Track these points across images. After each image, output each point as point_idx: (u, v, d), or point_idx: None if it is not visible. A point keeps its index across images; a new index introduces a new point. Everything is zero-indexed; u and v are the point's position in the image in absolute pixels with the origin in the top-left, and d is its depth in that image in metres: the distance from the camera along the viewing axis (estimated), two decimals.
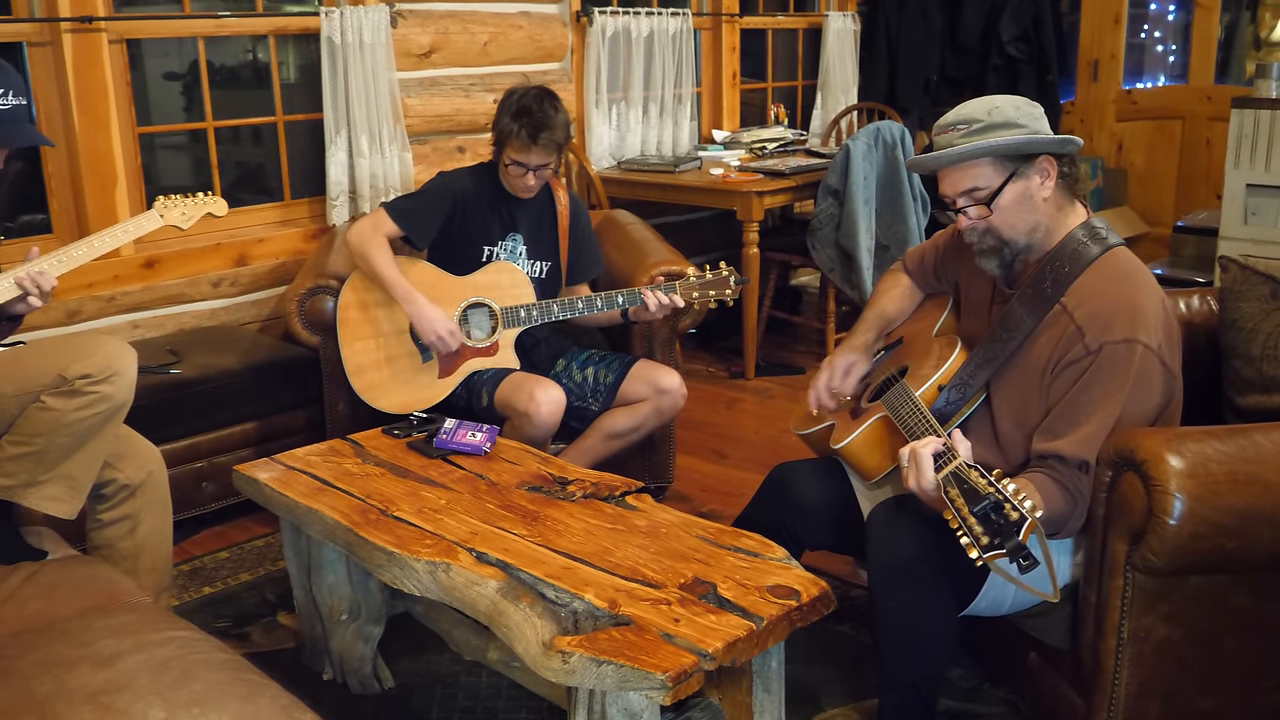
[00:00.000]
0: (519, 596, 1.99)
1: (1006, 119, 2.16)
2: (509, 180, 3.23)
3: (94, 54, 3.64)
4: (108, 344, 2.44)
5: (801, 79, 6.49)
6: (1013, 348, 2.20)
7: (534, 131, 3.09)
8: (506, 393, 3.10)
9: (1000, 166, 2.16)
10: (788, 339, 5.48)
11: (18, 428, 2.40)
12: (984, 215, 2.19)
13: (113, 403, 2.41)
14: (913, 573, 2.07)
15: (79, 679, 1.80)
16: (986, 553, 1.79)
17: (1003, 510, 1.80)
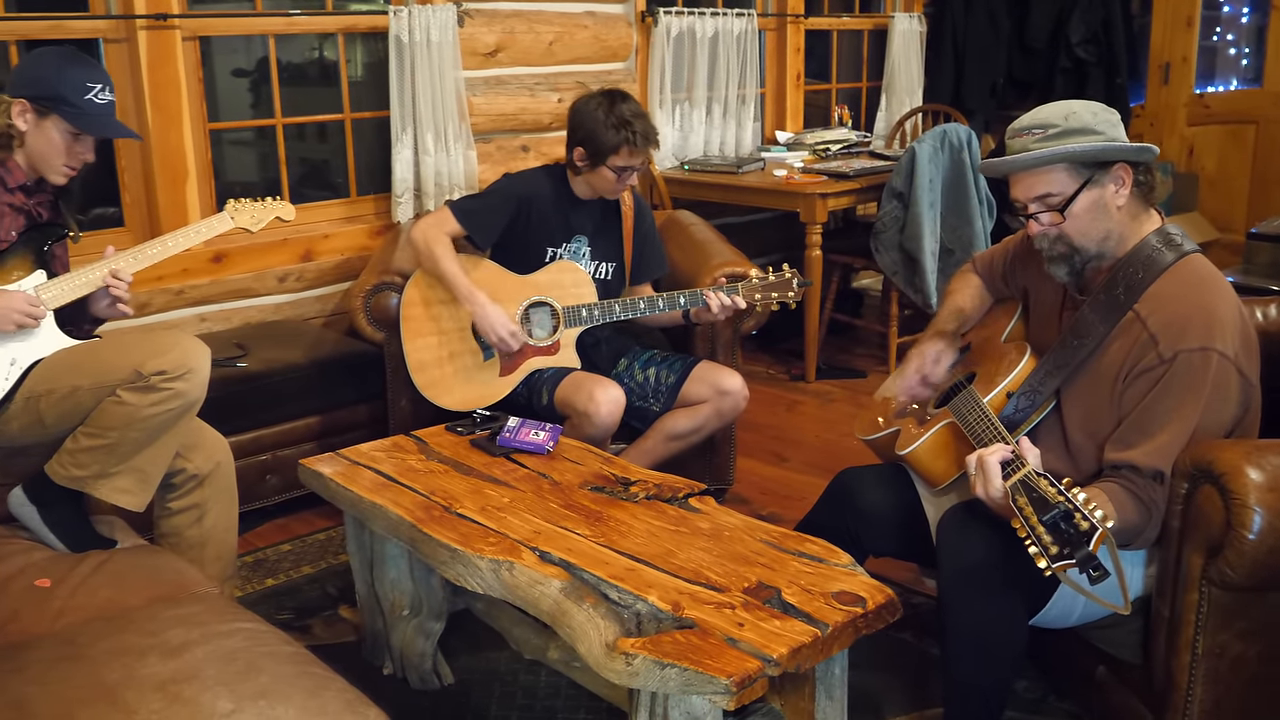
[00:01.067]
0: (582, 597, 1.98)
1: (1083, 125, 2.12)
2: (606, 185, 3.23)
3: (168, 51, 3.70)
4: (183, 341, 2.48)
5: (866, 80, 6.44)
6: (1084, 355, 2.16)
7: (646, 133, 3.13)
8: (566, 392, 3.10)
9: (1075, 173, 2.13)
10: (849, 342, 5.44)
11: (92, 420, 2.44)
12: (1056, 222, 2.15)
13: (186, 400, 2.45)
14: (982, 579, 2.03)
15: (148, 668, 1.82)
16: (1055, 562, 1.75)
17: (1072, 519, 1.77)
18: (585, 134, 3.18)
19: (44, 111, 2.49)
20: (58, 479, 2.48)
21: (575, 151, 3.22)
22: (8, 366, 2.48)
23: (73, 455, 2.47)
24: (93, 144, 2.59)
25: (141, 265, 2.67)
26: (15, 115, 2.49)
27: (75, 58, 2.54)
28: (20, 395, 2.47)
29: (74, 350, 2.54)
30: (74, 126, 2.52)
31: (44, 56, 2.54)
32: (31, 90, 2.49)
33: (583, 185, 3.27)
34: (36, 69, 2.52)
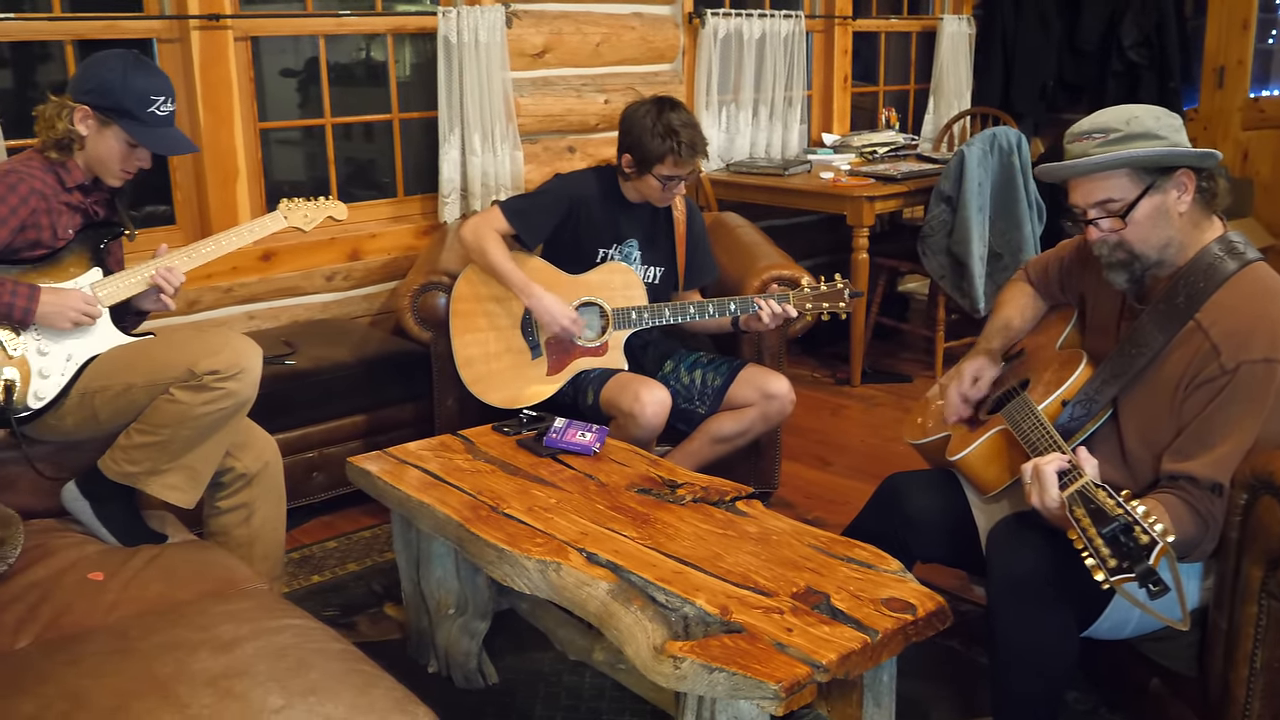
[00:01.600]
0: (630, 599, 1.98)
1: (1145, 130, 2.08)
2: (652, 193, 3.22)
3: (220, 51, 3.73)
4: (235, 341, 2.50)
5: (914, 83, 6.39)
6: (1142, 364, 2.13)
7: (692, 144, 3.12)
8: (612, 393, 3.10)
9: (1137, 178, 2.09)
10: (894, 346, 5.40)
11: (145, 417, 2.47)
12: (1117, 229, 2.11)
13: (237, 399, 2.47)
14: (1034, 589, 2.01)
15: (200, 662, 1.84)
16: (1114, 576, 1.73)
17: (1132, 533, 1.74)
18: (633, 141, 3.17)
19: (106, 121, 2.52)
20: (110, 474, 2.51)
21: (623, 158, 3.21)
22: (64, 363, 2.51)
23: (125, 451, 2.50)
24: (150, 153, 2.62)
25: (195, 264, 2.70)
26: (78, 120, 2.51)
27: (139, 65, 2.55)
28: (76, 391, 2.50)
29: (129, 348, 2.57)
30: (135, 139, 2.54)
31: (109, 62, 2.55)
32: (95, 98, 2.51)
33: (632, 190, 3.27)
34: (100, 77, 2.52)
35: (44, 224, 2.50)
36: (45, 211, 2.50)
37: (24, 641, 2.04)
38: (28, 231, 2.47)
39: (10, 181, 2.44)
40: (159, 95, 2.54)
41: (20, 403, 2.46)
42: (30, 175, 2.48)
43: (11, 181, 2.44)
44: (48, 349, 2.49)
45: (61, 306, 2.47)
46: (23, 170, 2.48)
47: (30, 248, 2.50)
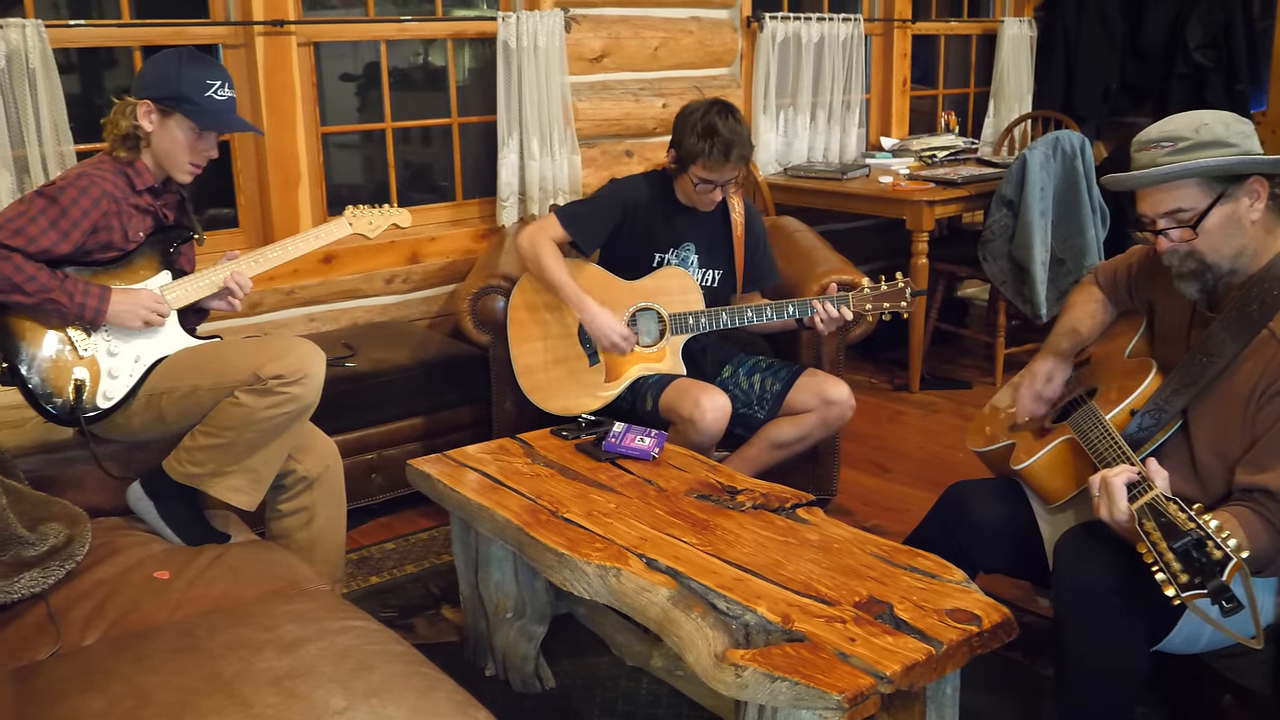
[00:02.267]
0: (690, 606, 1.97)
1: (1216, 137, 2.03)
2: (693, 195, 3.21)
3: (284, 56, 3.78)
4: (300, 346, 2.53)
5: (974, 86, 6.33)
6: (1213, 374, 2.08)
7: (725, 150, 3.08)
8: (671, 398, 3.09)
9: (1207, 187, 2.04)
10: (953, 352, 5.34)
11: (210, 419, 2.50)
12: (1188, 239, 2.07)
13: (301, 403, 2.50)
14: (1103, 601, 1.97)
15: (264, 662, 1.85)
16: (1185, 592, 1.69)
17: (1205, 548, 1.70)
18: (677, 137, 3.17)
19: (168, 111, 2.56)
20: (174, 475, 2.54)
21: (669, 153, 3.21)
22: (132, 364, 2.55)
23: (190, 453, 2.53)
24: (216, 141, 2.66)
25: (262, 268, 2.73)
26: (141, 116, 2.56)
27: (195, 57, 2.61)
28: (143, 392, 2.54)
29: (195, 350, 2.61)
30: (197, 123, 2.57)
31: (165, 58, 2.61)
32: (155, 91, 2.55)
33: (682, 193, 3.26)
34: (158, 71, 2.59)
35: (115, 226, 2.54)
36: (116, 214, 2.54)
37: (92, 638, 2.07)
38: (99, 234, 2.51)
39: (83, 185, 2.48)
40: (215, 80, 2.57)
41: (89, 402, 2.50)
42: (101, 178, 2.52)
43: (84, 185, 2.48)
44: (117, 350, 2.53)
45: (132, 306, 2.51)
46: (94, 174, 2.52)
47: (102, 250, 2.54)
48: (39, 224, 2.42)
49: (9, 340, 2.46)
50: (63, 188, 2.47)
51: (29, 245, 2.40)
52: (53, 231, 2.43)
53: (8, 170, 3.24)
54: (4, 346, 2.46)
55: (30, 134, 3.27)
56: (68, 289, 2.43)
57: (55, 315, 2.46)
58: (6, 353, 2.46)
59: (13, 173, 3.26)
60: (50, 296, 2.41)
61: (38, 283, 2.40)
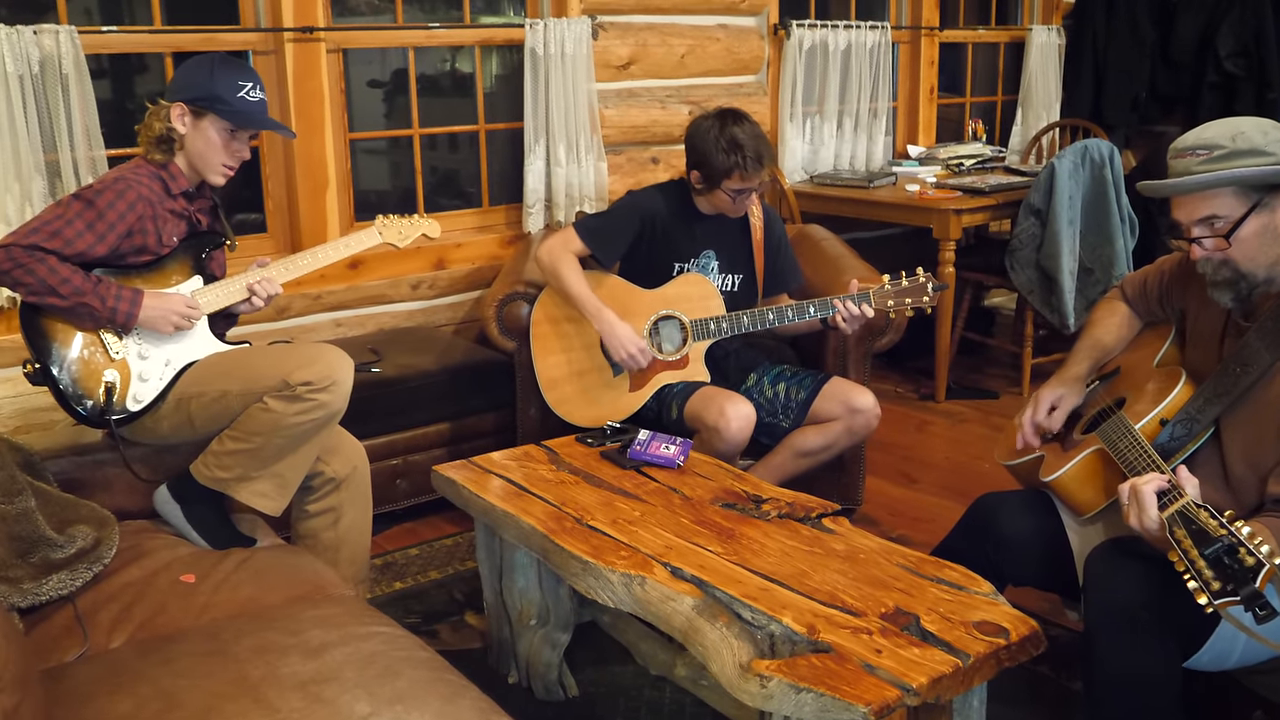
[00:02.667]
0: (715, 615, 1.96)
1: (1252, 146, 2.01)
2: (725, 206, 3.21)
3: (313, 63, 3.80)
4: (329, 353, 2.55)
5: (1001, 94, 6.30)
6: (1247, 383, 2.06)
7: (757, 158, 3.09)
8: (696, 407, 3.08)
9: (1243, 196, 2.02)
10: (980, 361, 5.31)
11: (238, 424, 2.51)
12: (1221, 248, 2.05)
13: (329, 410, 2.51)
14: (1134, 617, 1.95)
15: (289, 666, 1.86)
16: (1218, 599, 1.67)
17: (1237, 554, 1.68)
18: (699, 157, 3.15)
19: (200, 112, 2.59)
20: (201, 479, 2.55)
21: (692, 174, 3.20)
22: (163, 367, 2.57)
23: (217, 457, 2.54)
24: (248, 141, 2.68)
25: (292, 275, 2.76)
26: (175, 118, 2.59)
27: (226, 60, 2.65)
28: (173, 396, 2.56)
29: (226, 356, 2.63)
30: (230, 123, 2.61)
31: (197, 63, 2.65)
32: (188, 94, 2.59)
33: (704, 203, 3.25)
34: (191, 74, 2.63)
35: (150, 230, 2.57)
36: (151, 218, 2.56)
37: (119, 641, 2.08)
38: (134, 237, 2.54)
39: (119, 188, 2.51)
40: (247, 82, 2.62)
41: (119, 405, 2.52)
42: (138, 182, 2.55)
43: (120, 188, 2.51)
44: (148, 353, 2.55)
45: (164, 310, 2.53)
46: (131, 178, 2.55)
47: (136, 253, 2.57)
48: (75, 226, 2.45)
49: (42, 341, 2.49)
50: (99, 191, 2.50)
51: (65, 248, 2.43)
52: (89, 234, 2.46)
53: (40, 175, 3.27)
54: (37, 347, 2.49)
55: (62, 139, 3.30)
56: (100, 292, 2.46)
57: (88, 318, 2.48)
58: (39, 353, 2.49)
59: (44, 177, 3.29)
60: (84, 300, 2.44)
61: (72, 285, 2.42)
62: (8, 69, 3.17)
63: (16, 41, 3.17)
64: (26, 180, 3.24)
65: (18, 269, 2.40)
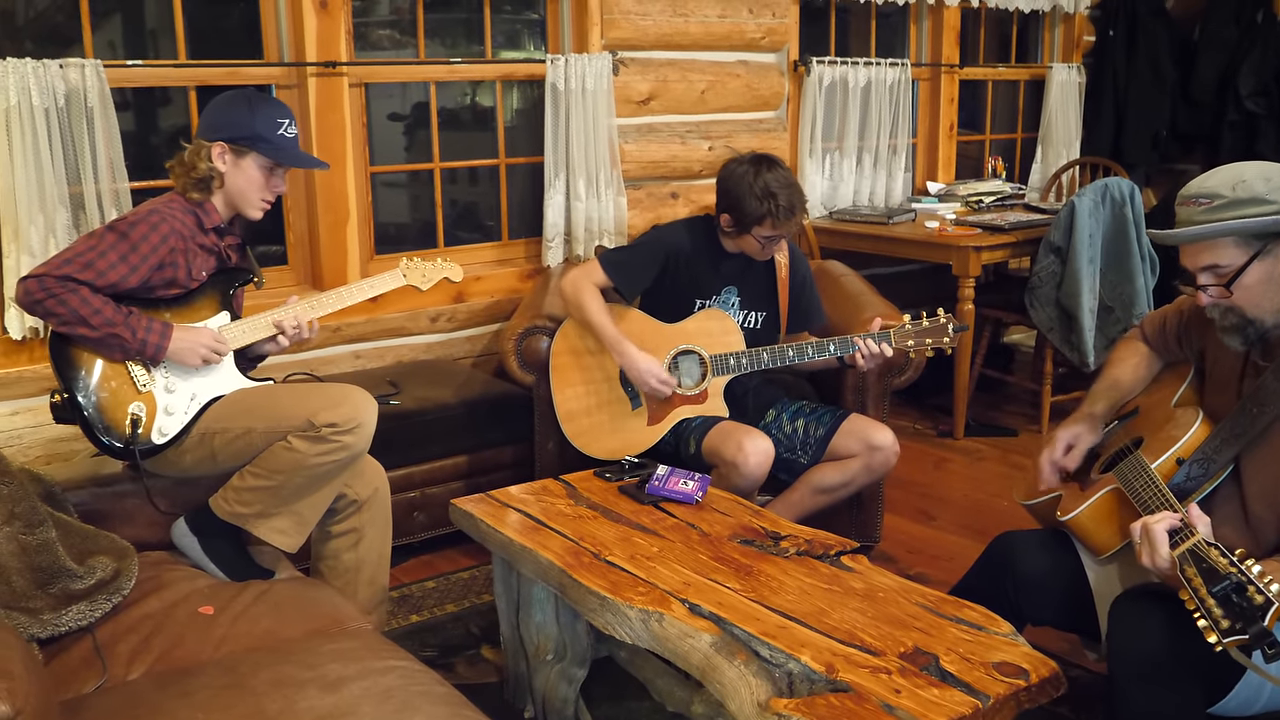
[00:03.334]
0: (734, 653, 1.95)
1: (1253, 194, 2.02)
2: (750, 249, 3.22)
3: (335, 97, 3.83)
4: (354, 395, 2.57)
5: (1021, 131, 6.30)
6: (1265, 423, 2.05)
7: (790, 208, 3.10)
8: (715, 442, 3.08)
9: (1244, 245, 2.04)
10: (999, 399, 5.29)
11: (260, 461, 2.52)
12: (1224, 296, 2.07)
13: (351, 451, 2.52)
14: (1158, 668, 1.93)
15: (307, 700, 1.85)
16: (1226, 638, 1.67)
17: (1246, 593, 1.68)
18: (731, 202, 3.16)
19: (242, 151, 2.64)
20: (220, 513, 2.56)
21: (722, 218, 3.21)
22: (188, 401, 2.58)
23: (238, 493, 2.55)
24: (285, 176, 2.72)
25: (317, 314, 2.77)
26: (215, 157, 2.63)
27: (261, 98, 2.70)
28: (196, 430, 2.57)
29: (251, 393, 2.64)
30: (274, 160, 2.64)
31: (233, 101, 2.69)
32: (229, 133, 2.63)
33: (730, 243, 3.26)
34: (229, 114, 2.66)
35: (180, 264, 2.59)
36: (183, 252, 2.59)
37: (136, 673, 2.08)
38: (165, 270, 2.57)
39: (153, 221, 2.54)
40: (284, 119, 2.68)
41: (144, 437, 2.53)
42: (171, 215, 2.58)
43: (154, 221, 2.54)
44: (174, 386, 2.57)
45: (192, 344, 2.55)
46: (164, 211, 2.59)
47: (166, 286, 2.59)
48: (108, 258, 2.47)
49: (70, 371, 2.51)
50: (133, 223, 2.53)
51: (97, 279, 2.45)
52: (121, 265, 2.48)
53: (64, 207, 3.30)
54: (65, 377, 2.51)
55: (86, 171, 3.33)
56: (131, 324, 2.48)
57: (118, 349, 2.50)
58: (67, 383, 2.51)
59: (69, 209, 3.32)
60: (114, 331, 2.46)
61: (103, 316, 2.44)
62: (34, 102, 3.21)
63: (43, 75, 3.21)
64: (51, 212, 3.27)
65: (50, 299, 2.42)
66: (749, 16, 4.70)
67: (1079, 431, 2.46)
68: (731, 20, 4.64)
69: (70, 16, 3.48)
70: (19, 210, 3.23)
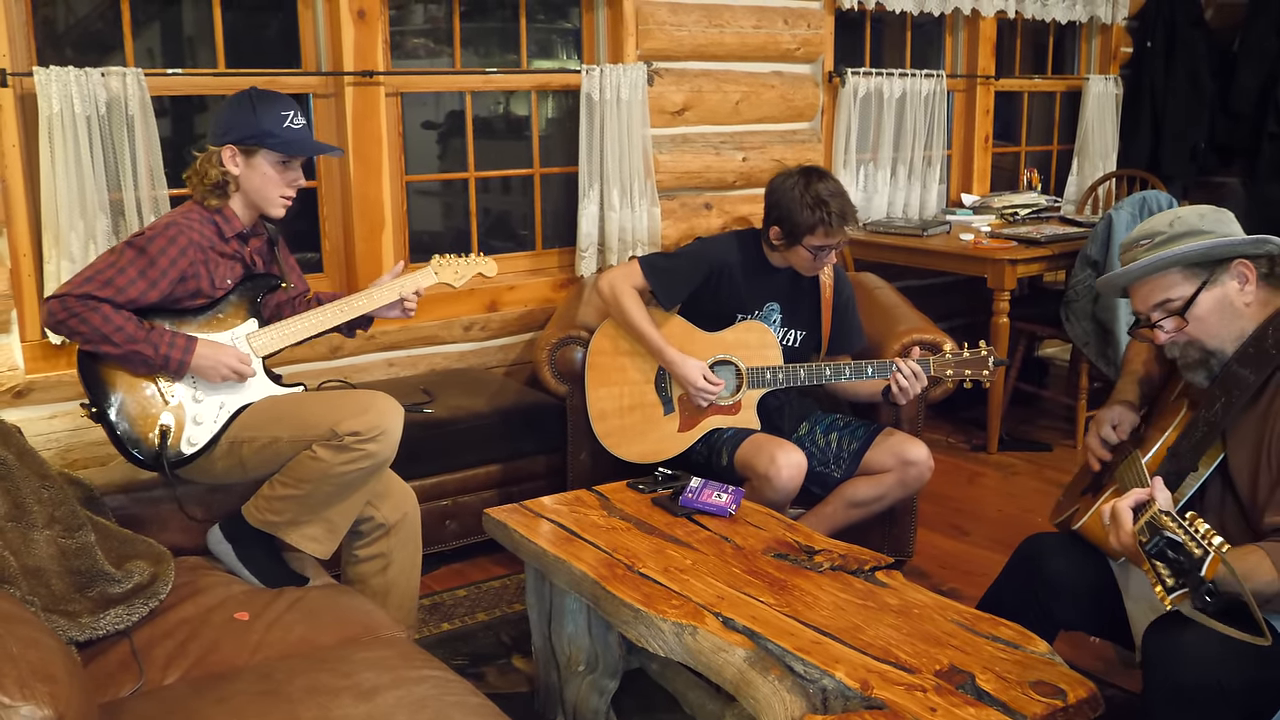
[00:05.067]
0: (768, 668, 1.94)
1: (1190, 228, 2.12)
2: (800, 262, 3.19)
3: (372, 106, 3.86)
4: (378, 402, 2.55)
5: (1057, 143, 6.26)
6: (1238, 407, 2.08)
7: (842, 215, 3.08)
8: (747, 454, 3.07)
9: (1190, 275, 2.12)
10: (1033, 413, 5.24)
11: (287, 470, 2.53)
12: (1180, 327, 2.14)
13: (376, 460, 2.51)
14: (1197, 695, 1.90)
15: (341, 709, 1.86)
16: (1170, 594, 1.71)
17: (1182, 548, 1.71)
18: (781, 213, 3.14)
19: (251, 150, 2.62)
20: (252, 521, 2.57)
21: (771, 230, 3.19)
22: (216, 410, 2.60)
23: (268, 501, 2.56)
24: (300, 168, 2.71)
25: (348, 315, 2.77)
26: (226, 161, 2.62)
27: (262, 95, 2.67)
28: (225, 439, 2.58)
29: (278, 401, 2.64)
30: (282, 154, 2.64)
31: (235, 103, 2.67)
32: (235, 134, 2.62)
33: (778, 257, 3.24)
34: (233, 115, 2.65)
35: (202, 274, 2.60)
36: (203, 262, 2.60)
37: (173, 677, 2.10)
38: (188, 282, 2.58)
39: (170, 234, 2.55)
40: (289, 110, 2.65)
41: (174, 448, 2.55)
42: (189, 226, 2.58)
43: (172, 234, 2.55)
44: (202, 396, 2.58)
45: (215, 362, 2.56)
46: (182, 222, 2.59)
47: (191, 297, 2.60)
48: (128, 274, 2.49)
49: (99, 387, 2.53)
50: (151, 237, 2.53)
51: (117, 295, 2.47)
52: (141, 281, 2.49)
53: (104, 213, 3.34)
54: (93, 393, 2.53)
55: (126, 178, 3.37)
56: (153, 340, 2.49)
57: (141, 365, 2.52)
58: (95, 399, 2.53)
59: (109, 216, 3.35)
60: (136, 347, 2.47)
61: (125, 333, 2.46)
62: (75, 110, 3.24)
63: (85, 83, 3.25)
64: (91, 219, 3.31)
65: (72, 318, 2.44)
66: (784, 27, 4.70)
67: (1120, 411, 2.50)
68: (767, 31, 4.64)
69: (110, 24, 3.53)
70: (60, 217, 3.27)
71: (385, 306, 2.81)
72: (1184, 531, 1.72)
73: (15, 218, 3.32)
